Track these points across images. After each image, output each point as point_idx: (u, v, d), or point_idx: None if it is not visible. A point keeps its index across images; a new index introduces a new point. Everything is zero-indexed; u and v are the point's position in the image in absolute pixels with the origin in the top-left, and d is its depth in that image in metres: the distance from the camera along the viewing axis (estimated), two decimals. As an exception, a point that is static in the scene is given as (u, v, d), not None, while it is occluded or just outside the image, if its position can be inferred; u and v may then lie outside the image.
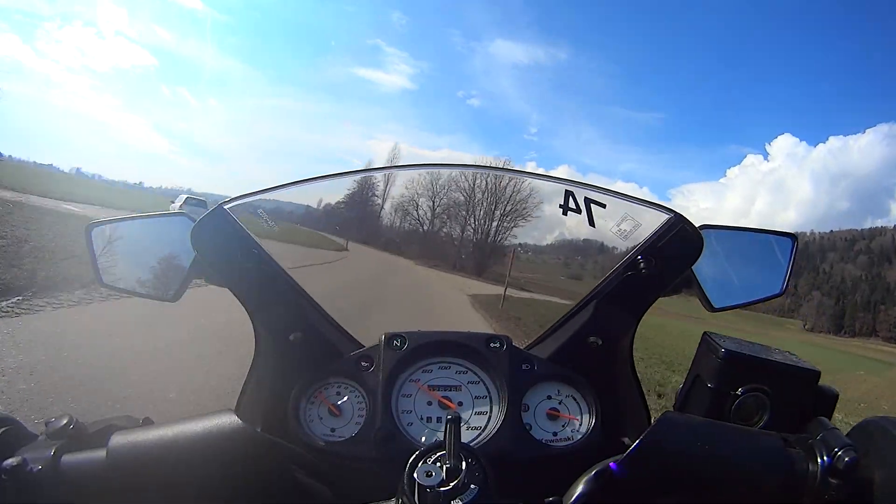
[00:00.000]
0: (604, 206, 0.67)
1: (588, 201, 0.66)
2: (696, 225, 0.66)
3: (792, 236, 0.71)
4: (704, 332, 0.68)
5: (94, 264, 0.69)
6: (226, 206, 0.66)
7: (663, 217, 0.66)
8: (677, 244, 0.66)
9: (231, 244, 0.66)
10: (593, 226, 0.67)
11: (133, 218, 0.74)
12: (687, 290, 0.69)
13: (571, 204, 0.67)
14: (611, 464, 0.48)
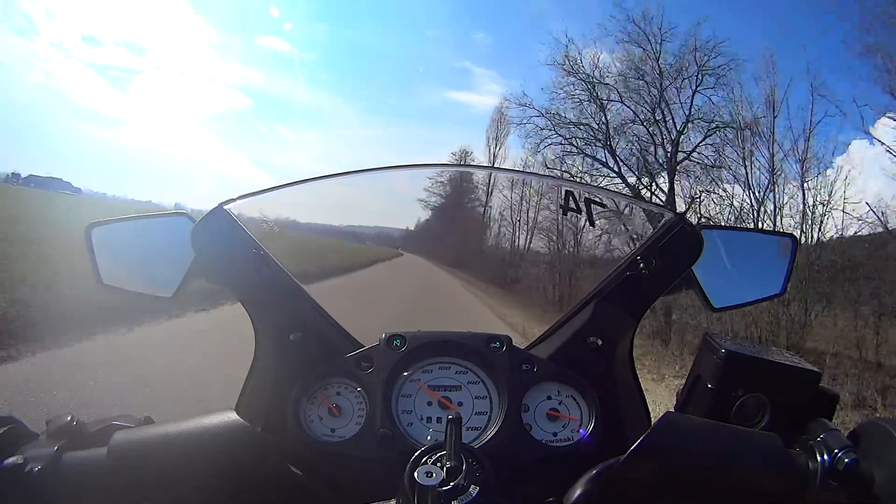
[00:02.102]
0: (604, 205, 0.67)
1: (588, 201, 0.66)
2: (696, 225, 0.66)
3: (792, 237, 0.72)
4: (704, 333, 0.68)
5: (94, 264, 0.69)
6: (226, 207, 0.66)
7: (663, 217, 0.66)
8: (677, 244, 0.66)
9: (231, 244, 0.66)
10: (593, 225, 0.67)
11: (133, 218, 0.74)
12: (687, 290, 0.69)
13: (572, 204, 0.67)
14: (610, 464, 0.48)
